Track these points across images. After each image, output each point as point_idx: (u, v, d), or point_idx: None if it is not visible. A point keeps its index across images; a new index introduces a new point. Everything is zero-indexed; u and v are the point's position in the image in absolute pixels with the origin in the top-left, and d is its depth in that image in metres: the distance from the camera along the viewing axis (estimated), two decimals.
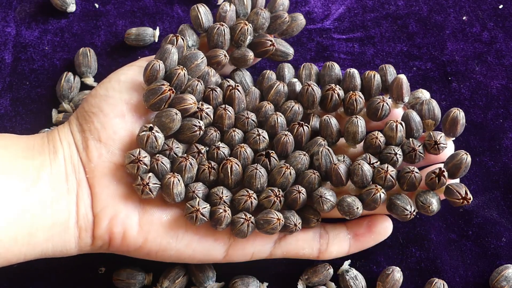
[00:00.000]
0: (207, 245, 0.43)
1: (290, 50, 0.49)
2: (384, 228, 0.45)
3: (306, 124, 0.44)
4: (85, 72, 0.52)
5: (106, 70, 0.53)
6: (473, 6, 0.55)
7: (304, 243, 0.44)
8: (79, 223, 0.41)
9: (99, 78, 0.53)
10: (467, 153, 0.43)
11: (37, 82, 0.52)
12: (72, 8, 0.54)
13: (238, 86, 0.44)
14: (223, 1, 0.46)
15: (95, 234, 0.42)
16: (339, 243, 0.45)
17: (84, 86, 0.52)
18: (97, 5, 0.55)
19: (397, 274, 0.45)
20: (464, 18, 0.55)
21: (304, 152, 0.43)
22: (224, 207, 0.41)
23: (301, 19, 0.49)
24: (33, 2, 0.55)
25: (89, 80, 0.52)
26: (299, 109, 0.45)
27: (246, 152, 0.43)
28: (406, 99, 0.46)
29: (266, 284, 0.46)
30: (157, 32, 0.54)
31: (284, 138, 0.43)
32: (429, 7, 0.55)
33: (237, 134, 0.44)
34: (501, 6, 0.55)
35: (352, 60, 0.53)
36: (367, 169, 0.42)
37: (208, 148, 0.43)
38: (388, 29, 0.54)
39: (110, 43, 0.54)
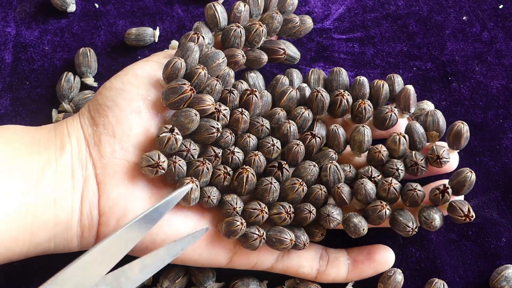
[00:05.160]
0: (213, 251, 0.43)
1: (297, 55, 0.50)
2: (385, 258, 0.45)
3: (318, 135, 0.44)
4: (85, 72, 0.52)
5: (106, 70, 0.53)
6: (473, 6, 0.55)
7: (305, 261, 0.44)
8: (82, 221, 0.41)
9: (99, 78, 0.53)
10: (472, 171, 0.43)
11: (37, 82, 0.52)
12: (72, 8, 0.54)
13: (255, 91, 0.44)
14: (237, 2, 0.46)
15: (99, 233, 0.41)
16: (337, 266, 0.45)
17: (84, 86, 0.52)
18: (97, 5, 0.55)
19: (399, 276, 0.45)
20: (464, 18, 0.55)
21: (314, 163, 0.44)
22: (241, 220, 0.42)
23: (309, 23, 0.49)
24: (33, 2, 0.55)
25: (89, 80, 0.52)
26: (308, 115, 0.45)
27: (260, 160, 0.43)
28: (412, 110, 0.46)
29: (266, 282, 0.46)
30: (157, 32, 0.54)
31: (295, 147, 0.43)
32: (429, 7, 0.55)
33: (252, 140, 0.43)
34: (501, 6, 0.55)
35: (352, 60, 0.53)
36: (370, 187, 0.43)
37: (222, 151, 0.43)
38: (388, 29, 0.54)
39: (110, 43, 0.54)
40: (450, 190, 0.43)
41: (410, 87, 0.46)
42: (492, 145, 0.50)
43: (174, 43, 0.52)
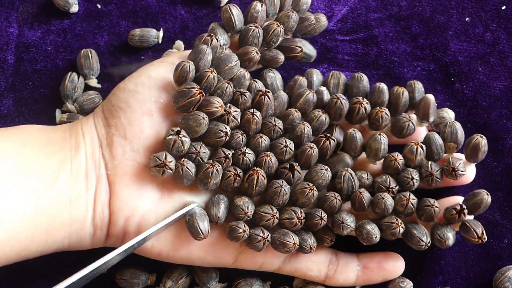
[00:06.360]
0: (219, 249, 0.43)
1: (313, 53, 0.50)
2: (396, 267, 0.45)
3: (332, 137, 0.44)
4: (88, 74, 0.52)
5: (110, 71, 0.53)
6: (476, 7, 0.55)
7: (313, 265, 0.44)
8: (95, 220, 0.41)
9: (103, 78, 0.53)
10: (488, 194, 0.43)
11: (39, 83, 0.52)
12: (74, 8, 0.54)
13: (268, 92, 0.44)
14: (254, 2, 0.46)
15: (109, 232, 0.42)
16: (347, 272, 0.44)
17: (88, 87, 0.52)
18: (99, 6, 0.55)
19: (408, 285, 0.45)
20: (467, 19, 0.55)
21: (327, 167, 0.43)
22: (244, 227, 0.41)
23: (324, 21, 0.49)
24: (35, 3, 0.55)
25: (93, 82, 0.52)
26: (325, 119, 0.45)
27: (271, 161, 0.43)
28: (431, 119, 0.46)
29: (269, 283, 0.46)
30: (161, 33, 0.54)
31: (309, 150, 0.43)
32: (432, 8, 0.55)
33: (264, 140, 0.43)
34: (504, 7, 0.55)
35: (356, 62, 0.53)
36: (389, 203, 0.42)
37: (233, 152, 0.43)
38: (391, 30, 0.54)
39: (113, 43, 0.54)
40: (466, 211, 0.43)
41: (430, 96, 0.45)
42: (495, 146, 0.50)
43: (178, 43, 0.52)
